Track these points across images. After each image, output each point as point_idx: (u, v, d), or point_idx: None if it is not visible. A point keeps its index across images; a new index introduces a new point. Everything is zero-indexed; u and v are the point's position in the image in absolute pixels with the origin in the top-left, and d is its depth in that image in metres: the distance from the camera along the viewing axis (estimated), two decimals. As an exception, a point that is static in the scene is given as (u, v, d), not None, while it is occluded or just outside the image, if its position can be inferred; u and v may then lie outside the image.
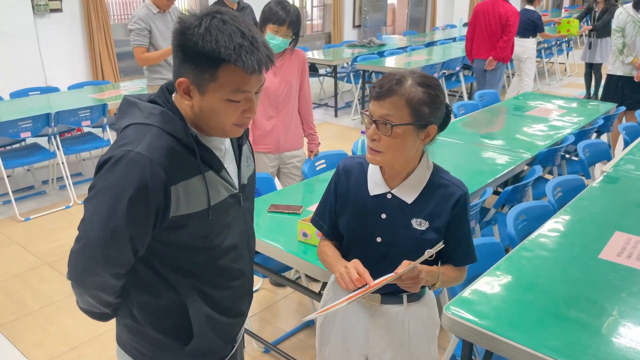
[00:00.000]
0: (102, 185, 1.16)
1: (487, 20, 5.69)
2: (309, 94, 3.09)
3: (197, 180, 1.21)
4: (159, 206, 1.17)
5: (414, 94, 1.39)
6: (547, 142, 3.48)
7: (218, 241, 1.30)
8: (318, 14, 9.29)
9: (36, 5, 5.33)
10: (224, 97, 1.15)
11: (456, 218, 1.52)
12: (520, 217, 2.46)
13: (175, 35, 1.14)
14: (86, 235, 1.19)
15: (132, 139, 1.16)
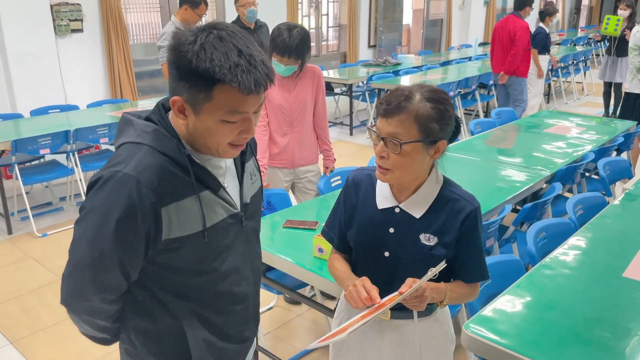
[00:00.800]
0: (90, 206, 1.12)
1: (501, 36, 5.91)
2: (324, 111, 3.08)
3: (191, 201, 1.16)
4: (149, 229, 1.12)
5: (422, 111, 1.36)
6: (566, 160, 3.42)
7: (216, 264, 1.24)
8: (334, 34, 9.37)
9: (58, 25, 5.45)
10: (220, 118, 1.10)
11: (467, 234, 1.48)
12: (540, 235, 2.41)
13: (170, 51, 1.09)
14: (74, 258, 1.16)
15: (122, 159, 1.12)
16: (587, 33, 11.98)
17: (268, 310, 3.18)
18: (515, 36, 5.74)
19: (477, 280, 1.56)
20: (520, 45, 5.76)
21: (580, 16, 15.98)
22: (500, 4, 12.34)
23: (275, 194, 2.80)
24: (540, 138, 4.01)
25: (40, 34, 5.27)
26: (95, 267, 1.13)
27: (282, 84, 2.90)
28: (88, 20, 5.72)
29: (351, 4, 8.72)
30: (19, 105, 5.18)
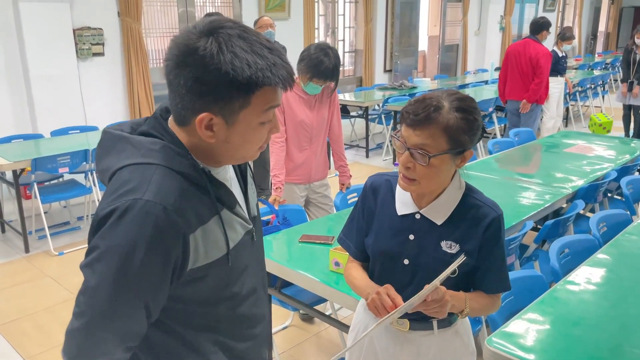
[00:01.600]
0: (106, 245, 0.94)
1: (518, 61, 5.60)
2: (339, 126, 3.10)
3: (214, 222, 1.04)
4: (177, 260, 0.99)
5: (452, 122, 1.30)
6: (588, 178, 3.36)
7: (237, 288, 1.13)
8: (350, 60, 9.45)
9: (80, 49, 5.57)
10: (258, 121, 1.01)
11: (489, 242, 1.43)
12: (563, 251, 2.35)
13: (185, 64, 0.94)
14: (91, 309, 0.97)
15: (136, 185, 0.96)
16: (605, 58, 11.93)
17: (283, 329, 3.13)
18: (539, 63, 5.44)
19: (498, 290, 1.51)
20: (546, 73, 5.50)
21: (597, 42, 15.96)
22: (516, 30, 12.38)
23: (291, 209, 2.78)
24: (560, 157, 3.95)
25: (63, 57, 5.38)
26: (118, 316, 0.98)
27: (304, 100, 2.94)
28: (109, 44, 5.84)
29: (367, 30, 8.81)
30: (40, 126, 5.26)
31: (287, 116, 2.92)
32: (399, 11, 9.23)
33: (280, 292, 2.40)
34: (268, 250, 2.34)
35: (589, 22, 15.13)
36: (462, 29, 10.84)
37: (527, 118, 5.71)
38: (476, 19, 11.16)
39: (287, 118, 2.92)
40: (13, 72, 5.24)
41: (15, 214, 4.51)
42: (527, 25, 12.75)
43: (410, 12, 9.50)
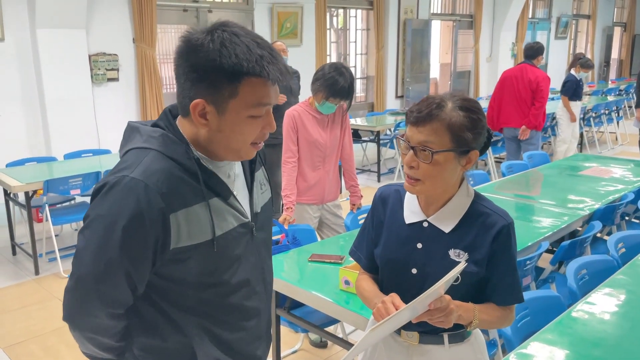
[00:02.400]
0: (94, 214, 1.06)
1: (515, 87, 5.36)
2: (351, 145, 3.09)
3: (201, 207, 1.11)
4: (158, 237, 1.06)
5: (455, 119, 1.31)
6: (605, 200, 3.29)
7: (227, 276, 1.18)
8: (361, 86, 9.50)
9: (95, 74, 5.66)
10: (247, 114, 1.08)
11: (499, 251, 1.39)
12: (580, 272, 2.27)
13: (185, 55, 1.06)
14: (78, 269, 1.09)
15: (129, 164, 1.08)
16: (618, 85, 11.88)
17: (292, 353, 3.05)
18: (539, 87, 5.23)
19: (510, 302, 1.45)
20: (546, 97, 5.30)
21: (610, 69, 15.93)
22: (528, 57, 12.39)
23: (301, 229, 2.75)
24: (576, 180, 3.88)
25: (78, 82, 5.46)
26: (100, 279, 1.07)
27: (318, 120, 2.94)
28: (124, 70, 5.92)
29: (379, 57, 8.88)
30: (54, 149, 5.31)
31: (301, 135, 2.91)
32: (410, 39, 9.30)
33: (290, 312, 2.34)
34: (277, 269, 2.30)
35: (601, 49, 15.14)
36: (473, 55, 10.89)
37: (527, 145, 5.44)
38: (488, 46, 11.22)
39: (301, 137, 2.92)
40: (29, 96, 5.32)
41: (26, 237, 4.52)
42: (538, 52, 12.77)
43: (421, 40, 9.57)
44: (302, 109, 2.93)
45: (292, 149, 2.91)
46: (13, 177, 4.10)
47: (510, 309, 1.46)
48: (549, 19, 12.79)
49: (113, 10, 5.75)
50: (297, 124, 2.90)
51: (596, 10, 14.26)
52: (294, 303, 2.32)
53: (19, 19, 5.15)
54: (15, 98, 5.27)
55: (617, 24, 15.69)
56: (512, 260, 1.42)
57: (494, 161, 6.74)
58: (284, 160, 2.93)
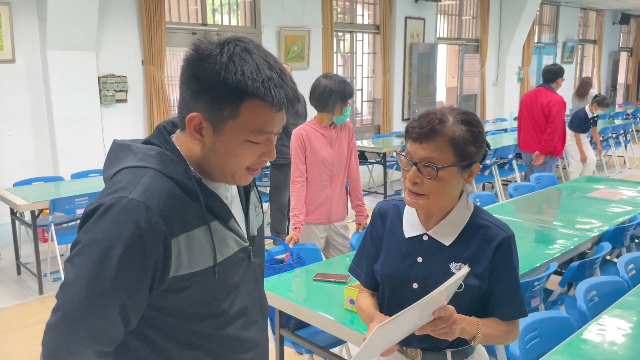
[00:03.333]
0: (87, 240, 0.95)
1: (530, 111, 5.23)
2: (357, 164, 3.09)
3: (202, 231, 1.02)
4: (157, 264, 0.97)
5: (458, 134, 1.31)
6: (615, 222, 3.24)
7: (225, 306, 1.09)
8: (368, 109, 9.54)
9: (104, 96, 5.71)
10: (244, 138, 0.99)
11: (500, 264, 1.37)
12: (590, 293, 2.23)
13: (190, 63, 0.99)
14: (65, 303, 0.96)
15: (125, 184, 0.98)
16: (625, 109, 11.87)
17: (297, 376, 3.00)
18: (551, 112, 5.01)
19: (514, 316, 1.42)
20: (558, 122, 5.03)
21: (617, 93, 15.94)
22: (535, 81, 12.44)
23: (306, 248, 2.73)
24: (584, 201, 3.84)
25: (87, 103, 5.52)
26: (91, 313, 0.95)
27: (325, 138, 2.94)
28: (132, 91, 5.98)
29: (385, 80, 8.93)
30: (61, 169, 5.34)
31: (309, 154, 2.92)
32: (417, 63, 9.36)
33: (294, 333, 2.31)
34: (282, 288, 2.28)
35: (607, 74, 15.17)
36: (480, 79, 10.94)
37: (540, 171, 5.21)
38: (494, 69, 11.27)
39: (309, 156, 2.92)
40: (38, 117, 5.38)
41: (31, 256, 4.51)
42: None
43: (427, 64, 9.63)
44: (309, 128, 2.94)
45: (301, 168, 2.91)
46: (20, 196, 4.11)
47: (514, 324, 1.43)
48: (555, 43, 12.87)
49: (123, 32, 5.84)
50: (305, 142, 2.90)
51: (602, 36, 14.34)
52: (298, 323, 2.28)
53: (30, 41, 5.23)
54: (25, 118, 5.32)
55: (623, 49, 15.76)
56: (514, 274, 1.40)
57: (501, 184, 6.71)
58: (292, 179, 2.93)
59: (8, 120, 5.23)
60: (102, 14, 5.48)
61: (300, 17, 7.49)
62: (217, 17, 6.97)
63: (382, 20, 8.64)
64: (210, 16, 6.82)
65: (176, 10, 6.48)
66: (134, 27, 5.91)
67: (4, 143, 5.25)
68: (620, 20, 14.48)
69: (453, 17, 10.42)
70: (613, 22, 14.63)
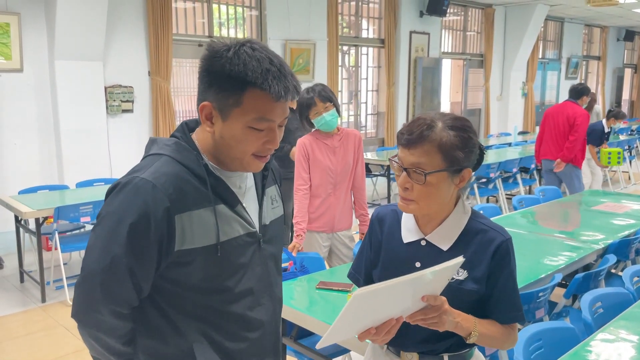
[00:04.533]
0: (105, 212, 1.12)
1: (555, 121, 5.62)
2: (363, 174, 3.08)
3: (206, 212, 1.14)
4: (162, 237, 1.10)
5: (446, 139, 1.31)
6: (620, 234, 3.23)
7: (230, 283, 1.19)
8: (372, 122, 9.58)
9: (110, 106, 5.76)
10: (247, 124, 1.11)
11: (498, 268, 1.37)
12: (595, 305, 2.21)
13: (203, 60, 1.14)
14: (86, 264, 1.13)
15: (141, 167, 1.14)
16: (630, 125, 11.86)
17: (299, 386, 2.97)
18: (576, 122, 5.44)
19: (511, 320, 1.41)
20: (581, 131, 5.46)
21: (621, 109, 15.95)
22: (539, 97, 12.47)
23: (310, 257, 2.72)
24: (589, 214, 3.83)
25: (93, 112, 5.56)
26: (105, 273, 1.10)
27: (327, 146, 2.96)
28: (138, 102, 6.03)
29: (389, 94, 8.97)
30: (67, 177, 5.36)
31: (312, 163, 2.93)
32: (421, 77, 9.41)
33: (296, 341, 2.29)
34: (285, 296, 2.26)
35: (611, 90, 15.19)
36: (484, 94, 10.97)
37: (568, 180, 5.59)
38: (498, 84, 11.31)
39: (312, 165, 2.93)
40: (45, 126, 5.42)
41: (35, 265, 4.52)
42: (549, 92, 12.85)
43: (432, 78, 9.68)
44: (313, 137, 2.96)
45: (304, 176, 2.92)
46: (24, 204, 4.13)
47: (512, 328, 1.42)
48: (559, 59, 12.92)
49: (130, 43, 5.90)
50: (308, 151, 2.92)
51: (606, 52, 14.39)
52: (301, 332, 2.27)
53: (38, 51, 5.30)
54: (32, 127, 5.37)
55: (627, 65, 15.80)
56: (512, 278, 1.40)
57: (506, 197, 6.69)
58: (295, 187, 2.93)
59: (15, 129, 5.27)
60: (109, 25, 5.54)
61: (306, 31, 7.55)
62: (223, 30, 7.04)
63: (387, 35, 8.70)
64: (216, 29, 6.88)
65: (183, 22, 6.54)
66: (141, 38, 5.97)
67: (11, 151, 5.29)
68: (625, 37, 14.54)
69: (457, 32, 10.49)
70: (617, 38, 14.69)
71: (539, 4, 10.37)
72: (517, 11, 10.77)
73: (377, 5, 8.94)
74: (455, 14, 10.29)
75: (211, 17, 6.73)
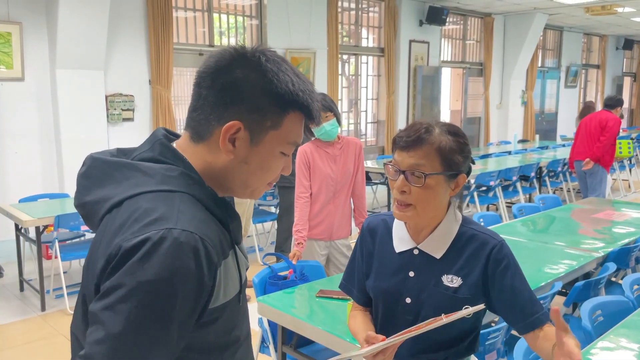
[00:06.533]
0: (136, 282, 0.79)
1: (589, 126, 5.96)
2: (363, 182, 3.09)
3: (231, 257, 0.94)
4: (207, 300, 0.88)
5: (444, 143, 1.32)
6: (620, 242, 3.23)
7: (239, 331, 1.00)
8: (372, 131, 9.60)
9: (110, 114, 5.78)
10: (280, 150, 0.95)
11: (496, 272, 1.35)
12: (595, 313, 2.21)
13: (228, 68, 0.90)
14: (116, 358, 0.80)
15: (163, 212, 0.84)
16: (629, 133, 11.88)
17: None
18: (608, 124, 5.79)
19: (538, 324, 1.34)
20: (611, 134, 5.79)
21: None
22: (538, 105, 12.50)
23: (309, 265, 2.72)
24: (589, 222, 3.83)
25: (94, 121, 5.58)
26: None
27: (328, 154, 2.97)
28: (139, 110, 6.05)
29: (389, 102, 9.00)
30: (67, 186, 5.38)
31: (313, 171, 2.94)
32: (421, 85, 9.44)
33: (296, 350, 2.29)
34: (285, 305, 2.27)
35: (611, 98, 15.24)
36: (483, 102, 11.00)
37: (593, 180, 5.87)
38: (498, 93, 11.34)
39: (313, 173, 2.94)
40: (45, 134, 5.44)
41: (35, 273, 4.51)
42: (549, 100, 12.89)
43: (431, 86, 9.71)
44: (313, 146, 2.97)
45: (305, 184, 2.93)
46: (25, 212, 4.13)
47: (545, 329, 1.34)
48: (559, 68, 12.96)
49: (131, 52, 5.93)
50: (309, 159, 2.93)
51: (605, 61, 14.44)
52: (300, 340, 2.27)
53: (39, 60, 5.32)
54: (32, 135, 5.38)
55: (626, 74, 15.85)
56: (517, 278, 1.37)
57: (506, 205, 6.69)
58: (297, 195, 2.94)
59: (16, 138, 5.29)
60: (110, 34, 5.57)
61: (306, 40, 7.59)
62: (224, 40, 7.08)
63: (387, 44, 8.74)
64: (217, 38, 6.92)
65: (184, 31, 6.58)
66: (142, 47, 6.00)
67: (12, 160, 5.30)
68: (624, 45, 14.60)
69: (457, 40, 10.53)
70: (616, 47, 14.75)
71: (537, 13, 10.43)
72: (516, 20, 10.83)
73: (376, 15, 8.98)
74: (454, 23, 10.34)
75: (212, 26, 6.77)
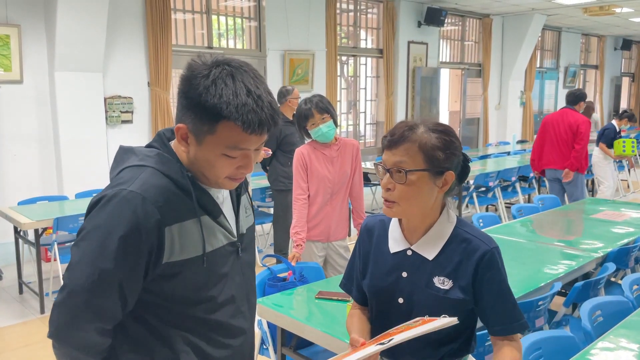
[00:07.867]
0: (91, 226, 1.09)
1: (557, 130, 5.59)
2: (360, 183, 3.09)
3: (193, 223, 1.15)
4: (152, 249, 1.10)
5: (426, 140, 1.34)
6: (619, 243, 3.23)
7: (214, 293, 1.20)
8: (371, 132, 9.60)
9: (109, 116, 5.77)
10: (220, 152, 1.12)
11: (484, 279, 1.36)
12: (594, 313, 2.21)
13: (182, 80, 1.12)
14: (71, 282, 1.09)
15: (125, 180, 1.11)
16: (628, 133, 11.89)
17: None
18: (579, 129, 5.43)
19: (510, 331, 1.39)
20: (586, 141, 5.48)
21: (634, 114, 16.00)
22: (537, 105, 12.51)
23: (309, 267, 2.72)
24: (588, 223, 3.83)
25: (93, 123, 5.57)
26: (93, 290, 1.07)
27: (325, 156, 2.96)
28: (138, 112, 6.04)
29: (388, 103, 9.00)
30: (66, 188, 5.36)
31: (310, 173, 2.94)
32: (420, 86, 9.45)
33: (296, 352, 2.29)
34: (284, 306, 2.27)
35: (609, 98, 15.25)
36: (482, 103, 11.01)
37: (572, 188, 5.59)
38: (496, 94, 11.35)
39: (310, 175, 2.94)
40: (44, 137, 5.43)
41: (33, 276, 4.51)
42: (547, 101, 12.90)
43: (430, 87, 9.71)
44: (310, 147, 2.97)
45: (303, 186, 2.92)
46: (24, 215, 4.13)
47: (513, 339, 1.41)
48: (557, 68, 12.97)
49: (129, 54, 5.92)
50: (306, 161, 2.93)
51: (604, 61, 14.45)
52: (300, 342, 2.27)
53: (38, 62, 5.32)
54: (31, 138, 5.37)
55: (625, 74, 15.86)
56: (501, 287, 1.39)
57: (505, 206, 6.70)
58: (294, 197, 2.94)
59: (15, 140, 5.28)
60: (109, 36, 5.57)
61: (305, 41, 7.59)
62: (222, 41, 7.08)
63: (386, 45, 8.75)
64: (216, 40, 6.92)
65: (182, 33, 6.58)
66: (141, 49, 6.00)
67: (10, 162, 5.29)
68: (622, 46, 14.61)
69: (455, 42, 10.54)
70: (615, 47, 14.76)
71: (536, 14, 10.44)
72: (514, 21, 10.84)
73: (375, 16, 8.99)
74: (453, 24, 10.35)
75: (210, 28, 6.77)
